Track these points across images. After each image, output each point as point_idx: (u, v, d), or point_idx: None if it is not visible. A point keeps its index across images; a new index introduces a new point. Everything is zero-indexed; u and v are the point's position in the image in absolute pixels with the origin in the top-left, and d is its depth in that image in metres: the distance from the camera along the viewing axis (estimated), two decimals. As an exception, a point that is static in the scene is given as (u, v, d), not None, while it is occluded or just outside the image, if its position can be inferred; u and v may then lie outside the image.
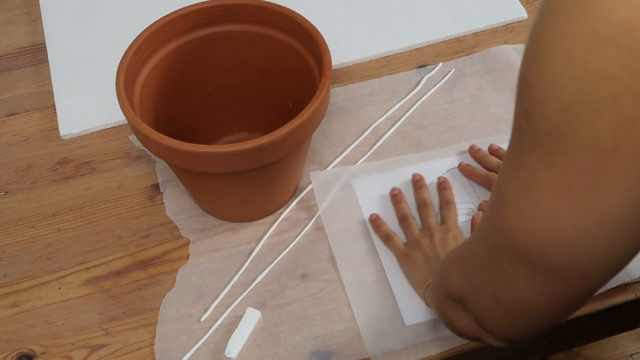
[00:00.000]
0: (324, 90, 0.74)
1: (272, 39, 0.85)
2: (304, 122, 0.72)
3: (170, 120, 0.84)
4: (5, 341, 0.79)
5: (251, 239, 0.86)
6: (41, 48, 1.09)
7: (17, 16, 1.14)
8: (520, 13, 1.08)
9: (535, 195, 0.44)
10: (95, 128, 0.98)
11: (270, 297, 0.81)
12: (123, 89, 0.76)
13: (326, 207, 0.88)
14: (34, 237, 0.88)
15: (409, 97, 0.99)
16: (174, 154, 0.73)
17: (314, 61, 0.81)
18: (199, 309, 0.81)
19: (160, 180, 0.92)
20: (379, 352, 0.76)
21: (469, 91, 0.99)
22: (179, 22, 0.83)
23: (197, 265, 0.84)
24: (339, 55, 1.01)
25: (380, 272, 0.82)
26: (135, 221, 0.88)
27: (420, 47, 1.06)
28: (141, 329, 0.80)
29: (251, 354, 0.77)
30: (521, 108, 0.43)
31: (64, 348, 0.79)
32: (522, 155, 0.44)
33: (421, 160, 0.92)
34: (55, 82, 1.03)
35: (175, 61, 0.85)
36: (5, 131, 0.99)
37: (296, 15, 0.82)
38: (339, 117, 0.97)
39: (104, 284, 0.83)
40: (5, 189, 0.92)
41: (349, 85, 1.01)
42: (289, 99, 0.87)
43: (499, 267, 0.51)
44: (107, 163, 0.94)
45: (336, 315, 0.80)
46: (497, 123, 0.95)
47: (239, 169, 0.74)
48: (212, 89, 0.90)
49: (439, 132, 0.95)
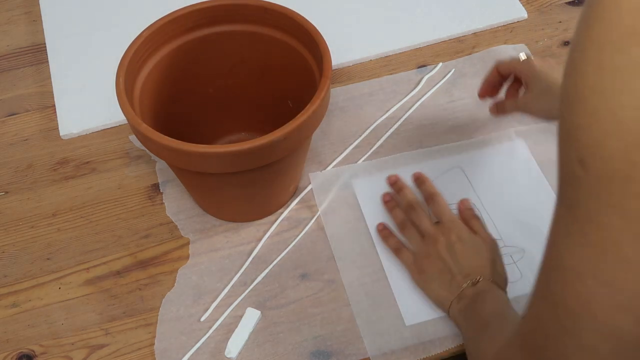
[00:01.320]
0: (324, 90, 0.74)
1: (272, 39, 0.85)
2: (304, 122, 0.72)
3: (170, 120, 0.84)
4: (5, 341, 0.79)
5: (251, 239, 0.86)
6: (41, 48, 1.09)
7: (17, 16, 1.14)
8: (520, 13, 1.09)
9: (613, 255, 0.39)
10: (95, 128, 0.98)
11: (270, 297, 0.81)
12: (123, 89, 0.75)
13: (326, 207, 0.88)
14: (34, 237, 0.88)
15: (409, 97, 0.99)
16: (174, 154, 0.73)
17: (314, 61, 0.81)
18: (199, 309, 0.81)
19: (160, 180, 0.92)
20: (379, 352, 0.76)
21: (469, 91, 0.99)
22: (179, 22, 0.83)
23: (197, 265, 0.84)
24: (339, 55, 1.02)
25: (380, 272, 0.82)
26: (135, 221, 0.88)
27: (420, 47, 1.06)
28: (141, 329, 0.80)
29: (251, 354, 0.77)
30: (573, 157, 0.39)
31: (64, 348, 0.79)
32: (583, 211, 0.39)
33: (421, 159, 0.92)
34: (55, 82, 1.03)
35: (175, 61, 0.85)
36: (5, 131, 0.99)
37: (296, 15, 0.82)
38: (339, 117, 0.97)
39: (104, 284, 0.83)
40: (5, 189, 0.92)
41: (349, 85, 1.01)
42: (289, 99, 0.87)
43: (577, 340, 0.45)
44: (107, 163, 0.94)
45: (336, 315, 0.80)
46: (497, 123, 0.95)
47: (239, 169, 0.74)
48: (212, 88, 0.90)
49: (439, 132, 0.95)
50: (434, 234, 0.79)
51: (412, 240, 0.82)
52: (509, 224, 0.85)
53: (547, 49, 1.04)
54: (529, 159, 0.91)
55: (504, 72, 0.89)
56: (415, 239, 0.81)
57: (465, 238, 0.78)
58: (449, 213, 0.81)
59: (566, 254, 0.42)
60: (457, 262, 0.76)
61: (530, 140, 0.93)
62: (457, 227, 0.80)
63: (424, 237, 0.81)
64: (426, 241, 0.80)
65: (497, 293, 0.73)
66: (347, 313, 0.80)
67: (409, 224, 0.83)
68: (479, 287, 0.74)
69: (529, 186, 0.89)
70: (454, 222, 0.80)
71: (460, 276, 0.75)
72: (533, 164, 0.91)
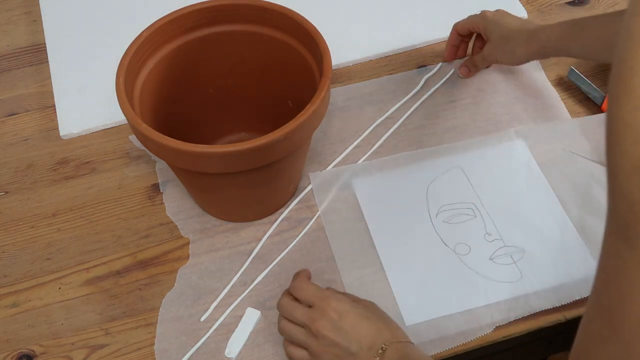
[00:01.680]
0: (324, 90, 0.74)
1: (272, 39, 0.85)
2: (304, 122, 0.72)
3: (170, 120, 0.84)
4: (5, 341, 0.79)
5: (251, 239, 0.86)
6: (41, 48, 1.09)
7: (17, 16, 1.14)
8: (520, 13, 1.09)
9: None
10: (95, 128, 0.98)
11: (270, 297, 0.81)
12: (123, 89, 0.75)
13: (326, 207, 0.88)
14: (34, 237, 0.88)
15: (409, 97, 0.99)
16: (174, 154, 0.73)
17: (314, 61, 0.81)
18: (199, 309, 0.81)
19: (160, 180, 0.92)
20: (379, 352, 0.76)
21: (469, 91, 0.99)
22: (179, 22, 0.83)
23: (197, 265, 0.84)
24: (339, 55, 1.02)
25: (380, 272, 0.82)
26: (135, 221, 0.88)
27: (420, 47, 1.06)
28: (141, 329, 0.80)
29: (251, 354, 0.77)
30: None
31: (64, 348, 0.79)
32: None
33: (421, 159, 0.92)
34: (55, 82, 1.03)
35: (175, 61, 0.85)
36: (5, 131, 0.99)
37: (296, 15, 0.82)
38: (339, 117, 0.97)
39: (104, 284, 0.83)
40: (5, 189, 0.92)
41: (349, 85, 1.01)
42: (289, 99, 0.87)
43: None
44: (107, 163, 0.94)
45: (336, 315, 0.79)
46: (497, 123, 0.96)
47: (239, 169, 0.74)
48: (212, 88, 0.90)
49: (439, 132, 0.95)
50: (310, 320, 0.69)
51: (293, 336, 0.71)
52: (509, 224, 0.85)
53: (547, 49, 1.04)
54: (529, 159, 0.91)
55: (461, 30, 0.98)
56: (295, 333, 0.71)
57: (345, 310, 0.69)
58: (316, 292, 0.71)
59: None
60: (349, 338, 0.68)
61: (530, 140, 0.93)
62: (332, 302, 0.70)
63: (307, 326, 0.70)
64: (311, 329, 0.69)
65: (416, 355, 0.67)
66: (347, 313, 0.79)
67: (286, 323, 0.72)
68: (390, 356, 0.66)
69: (529, 186, 0.89)
70: (326, 299, 0.70)
71: (363, 352, 0.67)
72: (533, 164, 0.91)
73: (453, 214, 0.87)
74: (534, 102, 0.98)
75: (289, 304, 0.72)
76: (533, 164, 0.91)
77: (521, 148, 0.93)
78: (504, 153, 0.92)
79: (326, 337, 0.68)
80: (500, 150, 0.93)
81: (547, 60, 1.02)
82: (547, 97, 0.98)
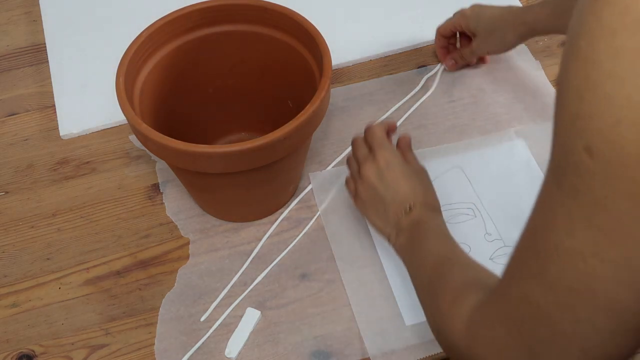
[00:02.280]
0: (324, 90, 0.74)
1: (272, 39, 0.85)
2: (304, 122, 0.72)
3: (170, 120, 0.84)
4: (5, 341, 0.79)
5: (251, 239, 0.86)
6: (41, 48, 1.09)
7: (17, 16, 1.14)
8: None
9: (620, 236, 0.39)
10: (95, 128, 0.98)
11: (270, 297, 0.81)
12: (123, 89, 0.76)
13: (326, 207, 0.88)
14: (34, 237, 0.88)
15: (409, 97, 0.99)
16: (174, 154, 0.73)
17: (314, 61, 0.81)
18: (199, 309, 0.81)
19: (160, 180, 0.92)
20: (379, 352, 0.76)
21: (469, 91, 1.00)
22: (179, 22, 0.83)
23: (197, 265, 0.84)
24: (339, 55, 1.01)
25: (380, 272, 0.82)
26: (135, 221, 0.88)
27: (420, 47, 1.06)
28: (141, 329, 0.80)
29: (251, 354, 0.77)
30: (578, 145, 0.39)
31: (64, 348, 0.79)
32: (589, 198, 0.39)
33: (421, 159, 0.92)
34: (55, 82, 1.03)
35: (175, 61, 0.85)
36: (5, 131, 0.99)
37: (296, 15, 0.82)
38: (339, 117, 0.97)
39: (104, 284, 0.83)
40: (5, 189, 0.92)
41: (349, 85, 1.01)
42: (289, 98, 0.87)
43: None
44: (107, 163, 0.94)
45: (336, 315, 0.80)
46: (497, 123, 0.96)
47: (239, 169, 0.74)
48: (212, 88, 0.90)
49: (439, 132, 0.95)
50: (363, 160, 0.79)
51: (352, 169, 0.81)
52: (509, 224, 0.85)
53: (547, 49, 1.04)
54: (529, 158, 0.91)
55: (445, 32, 0.99)
56: (353, 167, 0.81)
57: (393, 164, 0.77)
58: (380, 140, 0.79)
59: (566, 237, 0.43)
60: (387, 187, 0.76)
61: (530, 140, 0.93)
62: (386, 154, 0.78)
63: (359, 165, 0.80)
64: (360, 168, 0.79)
65: (434, 224, 0.73)
66: (347, 313, 0.80)
67: (351, 156, 0.83)
68: (415, 216, 0.73)
69: (528, 186, 0.89)
70: (383, 149, 0.78)
71: (394, 205, 0.75)
72: (533, 163, 0.91)
73: (453, 213, 0.86)
74: (534, 102, 0.98)
75: (357, 143, 0.81)
76: (533, 164, 0.91)
77: (521, 148, 0.93)
78: (504, 153, 0.92)
79: (368, 179, 0.77)
80: (500, 150, 0.93)
81: (547, 60, 1.02)
82: (547, 97, 0.98)
